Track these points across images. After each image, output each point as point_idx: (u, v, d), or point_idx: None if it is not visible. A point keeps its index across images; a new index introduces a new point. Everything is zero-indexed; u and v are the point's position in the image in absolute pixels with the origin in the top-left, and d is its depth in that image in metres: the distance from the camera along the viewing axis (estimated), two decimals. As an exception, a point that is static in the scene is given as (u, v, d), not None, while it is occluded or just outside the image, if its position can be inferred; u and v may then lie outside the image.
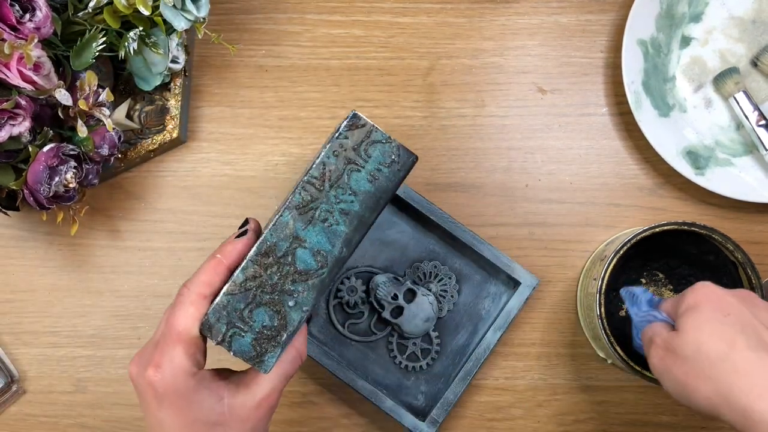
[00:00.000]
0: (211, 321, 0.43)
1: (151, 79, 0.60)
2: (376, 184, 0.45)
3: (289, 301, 0.44)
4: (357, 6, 0.67)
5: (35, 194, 0.53)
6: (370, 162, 0.44)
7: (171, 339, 0.43)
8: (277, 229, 0.44)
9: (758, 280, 0.57)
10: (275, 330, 0.44)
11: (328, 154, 0.44)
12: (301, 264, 0.44)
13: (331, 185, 0.44)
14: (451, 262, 0.64)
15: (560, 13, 0.67)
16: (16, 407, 0.64)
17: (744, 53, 0.66)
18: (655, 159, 0.65)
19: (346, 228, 0.44)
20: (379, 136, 0.44)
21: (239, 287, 0.44)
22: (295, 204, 0.44)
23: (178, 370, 0.42)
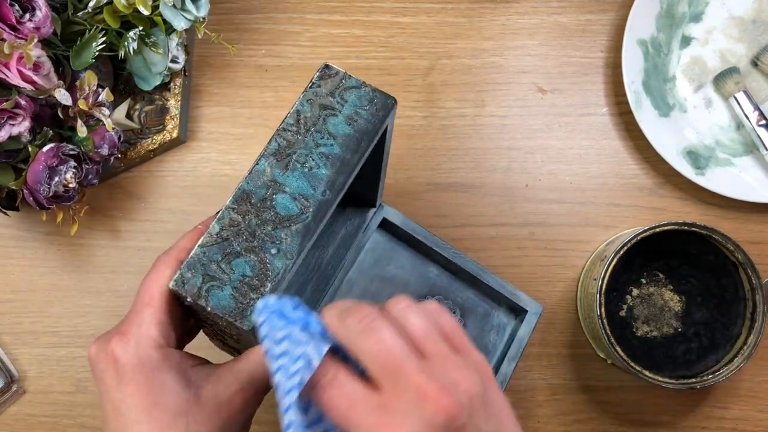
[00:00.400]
0: (185, 276, 0.39)
1: (150, 79, 0.60)
2: (355, 126, 0.43)
3: (272, 249, 0.41)
4: (357, 6, 0.67)
5: (35, 194, 0.53)
6: (346, 106, 0.43)
7: (140, 303, 0.39)
8: (254, 176, 0.42)
9: (758, 281, 0.57)
10: (258, 280, 0.40)
11: (302, 102, 0.43)
12: (282, 209, 0.41)
13: (307, 130, 0.43)
14: (453, 296, 0.63)
15: (560, 13, 0.67)
16: (16, 407, 0.64)
17: (744, 53, 0.66)
18: (655, 159, 0.65)
19: (327, 171, 0.42)
20: (353, 82, 0.44)
21: (215, 237, 0.40)
22: (272, 151, 0.42)
23: (144, 337, 0.38)
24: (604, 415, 0.64)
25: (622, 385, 0.65)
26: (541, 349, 0.65)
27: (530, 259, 0.65)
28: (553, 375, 0.65)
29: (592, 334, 0.62)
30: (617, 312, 0.64)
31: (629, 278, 0.64)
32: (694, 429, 0.65)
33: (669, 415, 0.65)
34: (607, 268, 0.57)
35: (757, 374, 0.64)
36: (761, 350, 0.64)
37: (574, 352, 0.65)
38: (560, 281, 0.65)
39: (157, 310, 0.39)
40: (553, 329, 0.65)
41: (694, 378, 0.57)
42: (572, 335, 0.65)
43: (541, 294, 0.65)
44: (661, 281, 0.64)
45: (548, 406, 0.65)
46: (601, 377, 0.65)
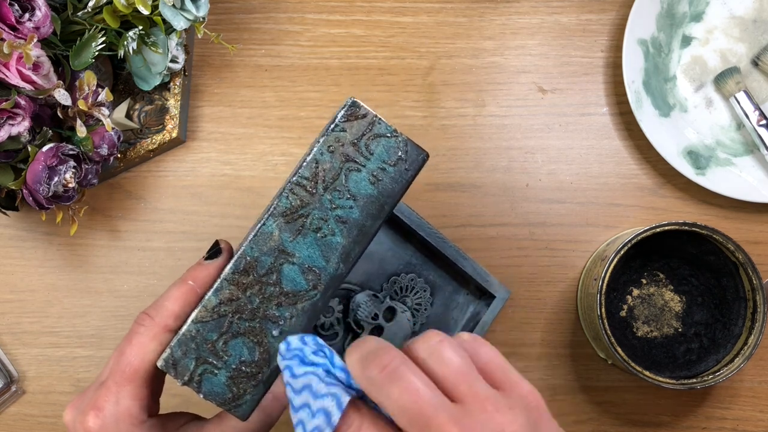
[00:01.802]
0: (176, 356, 0.35)
1: (150, 79, 0.60)
2: (379, 186, 0.37)
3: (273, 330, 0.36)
4: (357, 5, 0.67)
5: (34, 194, 0.53)
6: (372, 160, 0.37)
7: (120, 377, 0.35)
8: (259, 240, 0.36)
9: (759, 281, 0.57)
10: (256, 366, 0.36)
11: (321, 150, 0.36)
12: (289, 284, 0.36)
13: (325, 187, 0.36)
14: (426, 274, 0.64)
15: (560, 13, 0.67)
16: (16, 407, 0.64)
17: (745, 53, 0.65)
18: (655, 159, 0.65)
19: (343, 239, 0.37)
20: (383, 129, 0.37)
21: (211, 313, 0.36)
22: (282, 210, 0.36)
23: (123, 415, 0.35)
24: (604, 415, 0.64)
25: (622, 385, 0.65)
26: (541, 349, 0.65)
27: (530, 259, 0.65)
28: (553, 375, 0.65)
29: (593, 334, 0.62)
30: (617, 312, 0.64)
31: (629, 278, 0.64)
32: (695, 429, 0.64)
33: (669, 416, 0.64)
34: (607, 268, 0.57)
35: (758, 374, 0.64)
36: (762, 350, 0.64)
37: (574, 352, 0.65)
38: (560, 281, 0.65)
39: (138, 386, 0.36)
40: (553, 329, 0.65)
41: (695, 378, 0.57)
42: (572, 335, 0.65)
43: (541, 294, 0.65)
44: (661, 281, 0.64)
45: (548, 407, 0.64)
46: (601, 377, 0.65)
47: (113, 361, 0.37)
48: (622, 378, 0.65)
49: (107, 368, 0.37)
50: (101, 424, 0.35)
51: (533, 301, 0.65)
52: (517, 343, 0.65)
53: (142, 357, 0.36)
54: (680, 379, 0.57)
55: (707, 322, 0.63)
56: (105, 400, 0.35)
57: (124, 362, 0.36)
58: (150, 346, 0.36)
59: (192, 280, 0.37)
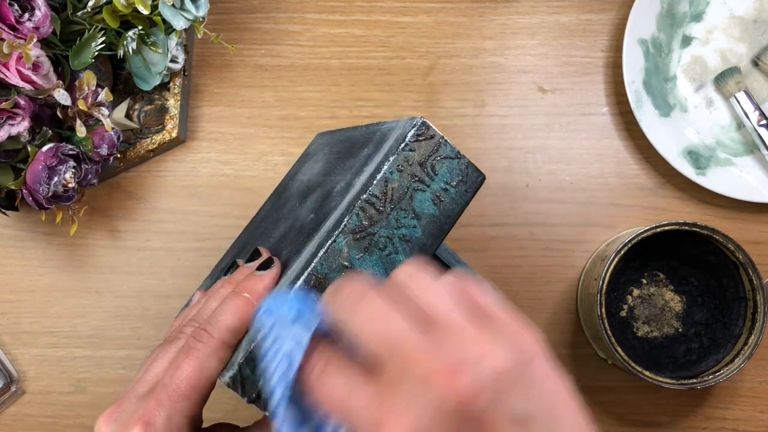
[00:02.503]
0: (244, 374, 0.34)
1: (150, 79, 0.60)
2: (441, 206, 0.37)
3: None
4: (357, 5, 0.67)
5: (34, 194, 0.53)
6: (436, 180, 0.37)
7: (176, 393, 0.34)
8: (329, 257, 0.35)
9: (759, 281, 0.57)
10: None
11: (391, 169, 0.36)
12: None
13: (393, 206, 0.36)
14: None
15: (561, 13, 0.67)
16: (16, 407, 0.64)
17: (745, 53, 0.65)
18: (655, 159, 0.65)
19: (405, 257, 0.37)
20: (449, 151, 0.37)
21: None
22: (351, 228, 0.36)
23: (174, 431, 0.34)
24: (604, 415, 0.64)
25: (622, 385, 0.65)
26: (541, 349, 0.65)
27: (530, 259, 0.65)
28: (553, 375, 0.65)
29: (593, 334, 0.62)
30: (618, 312, 0.64)
31: (630, 278, 0.64)
32: (695, 429, 0.64)
33: (669, 416, 0.64)
34: (607, 269, 0.57)
35: (758, 375, 0.64)
36: (762, 350, 0.64)
37: (574, 352, 0.65)
38: (560, 281, 0.65)
39: (194, 404, 0.34)
40: (553, 329, 0.65)
41: (695, 378, 0.57)
42: (572, 335, 0.65)
43: (541, 294, 0.65)
44: (661, 281, 0.64)
45: (548, 407, 0.64)
46: (601, 377, 0.65)
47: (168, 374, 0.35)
48: (622, 378, 0.64)
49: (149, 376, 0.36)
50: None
51: (533, 301, 0.65)
52: (517, 343, 0.65)
53: (200, 373, 0.34)
54: (680, 379, 0.57)
55: (707, 322, 0.62)
56: (156, 414, 0.33)
57: (180, 378, 0.34)
58: (209, 362, 0.35)
59: (248, 292, 0.36)
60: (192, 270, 0.65)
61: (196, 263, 0.65)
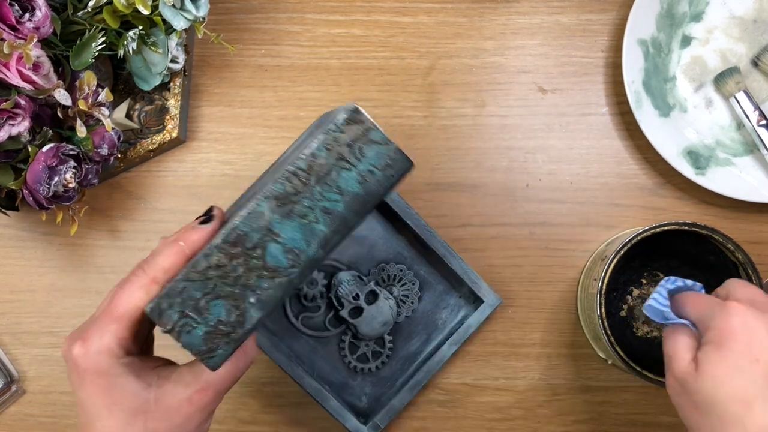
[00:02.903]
0: (162, 306, 0.39)
1: (150, 79, 0.60)
2: (365, 186, 0.41)
3: (251, 297, 0.40)
4: (357, 5, 0.67)
5: (35, 194, 0.53)
6: (363, 162, 0.41)
7: (108, 317, 0.40)
8: (251, 218, 0.40)
9: (759, 281, 0.57)
10: (231, 326, 0.40)
11: (320, 147, 0.40)
12: (271, 259, 0.40)
13: (317, 180, 0.40)
14: (417, 268, 0.64)
15: (561, 13, 0.67)
16: (16, 407, 0.64)
17: (745, 53, 0.65)
18: (655, 159, 0.65)
19: (325, 228, 0.41)
20: (378, 136, 0.41)
21: (199, 274, 0.40)
22: (276, 194, 0.40)
23: (103, 348, 0.40)
24: (604, 415, 0.64)
25: (623, 386, 0.65)
26: (541, 349, 0.65)
27: (530, 259, 0.65)
28: (553, 375, 0.65)
29: (593, 334, 0.62)
30: (617, 312, 0.64)
31: (629, 278, 0.64)
32: (695, 429, 0.64)
33: (669, 415, 0.64)
34: (607, 268, 0.57)
35: (758, 374, 0.64)
36: (761, 350, 0.64)
37: (574, 352, 0.65)
38: (560, 281, 0.65)
39: (123, 327, 0.40)
40: (553, 329, 0.65)
41: (695, 378, 0.57)
42: (572, 335, 0.65)
43: (542, 294, 0.65)
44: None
45: (548, 406, 0.65)
46: (601, 377, 0.65)
47: (106, 301, 0.41)
48: (622, 378, 0.65)
49: (100, 307, 0.42)
50: (84, 353, 0.40)
51: (533, 301, 0.65)
52: (517, 343, 0.65)
53: (128, 302, 0.40)
54: (680, 379, 0.57)
55: (707, 322, 0.62)
56: (91, 333, 0.40)
57: (113, 304, 0.40)
58: (138, 294, 0.40)
59: (183, 241, 0.41)
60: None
61: (197, 263, 0.65)
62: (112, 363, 0.40)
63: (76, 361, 0.40)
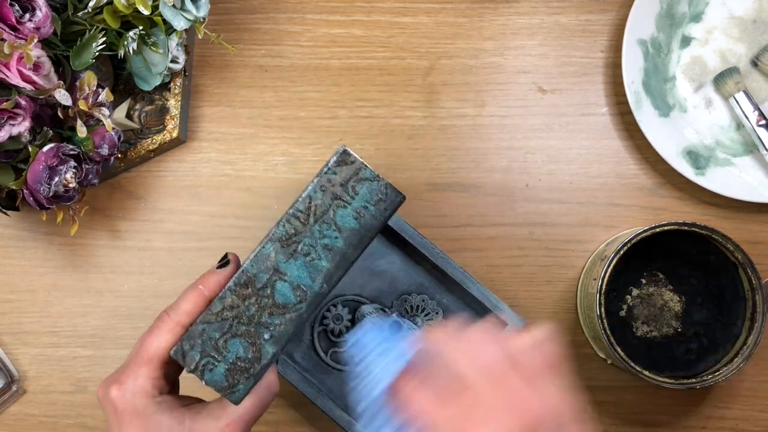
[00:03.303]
0: (184, 348, 0.43)
1: (150, 79, 0.60)
2: (361, 221, 0.44)
3: (265, 334, 0.44)
4: (357, 6, 0.67)
5: (35, 194, 0.53)
6: (356, 199, 0.44)
7: (139, 360, 0.44)
8: (258, 260, 0.44)
9: (758, 281, 0.57)
10: (249, 362, 0.44)
11: (315, 189, 0.44)
12: (280, 297, 0.44)
13: (315, 220, 0.44)
14: (439, 297, 0.64)
15: (560, 13, 0.67)
16: (16, 407, 0.64)
17: (744, 53, 0.66)
18: (655, 159, 0.65)
19: (328, 264, 0.44)
20: (368, 174, 0.44)
21: (216, 316, 0.43)
22: (278, 237, 0.44)
23: (138, 389, 0.43)
24: (604, 415, 0.64)
25: (622, 385, 0.65)
26: (541, 349, 0.65)
27: (530, 259, 0.65)
28: (553, 375, 0.65)
29: (592, 334, 0.62)
30: (617, 312, 0.64)
31: (629, 278, 0.64)
32: (694, 429, 0.65)
33: (669, 415, 0.65)
34: (607, 268, 0.57)
35: (757, 374, 0.64)
36: (761, 350, 0.64)
37: (574, 352, 0.65)
38: (560, 281, 0.65)
39: (154, 368, 0.44)
40: (553, 329, 0.65)
41: (694, 378, 0.57)
42: (572, 335, 0.65)
43: (541, 294, 0.65)
44: (661, 281, 0.64)
45: (548, 406, 0.64)
46: (601, 377, 0.65)
47: (136, 347, 0.45)
48: (621, 378, 0.65)
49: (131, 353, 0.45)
50: (122, 395, 0.43)
51: (533, 301, 0.65)
52: (516, 343, 0.65)
53: (157, 345, 0.44)
54: (680, 379, 0.57)
55: (707, 322, 0.63)
56: (126, 376, 0.43)
57: (143, 349, 0.44)
58: (165, 337, 0.44)
59: (202, 285, 0.45)
60: (192, 270, 0.65)
61: (197, 263, 0.65)
62: (147, 402, 0.43)
63: (114, 403, 0.43)
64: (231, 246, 0.64)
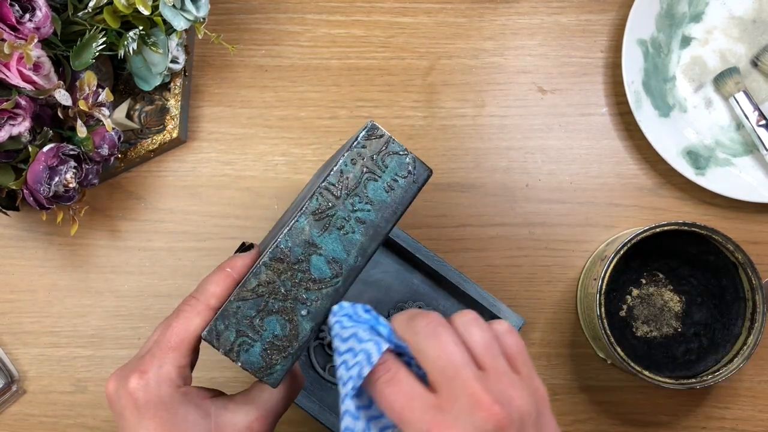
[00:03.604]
0: (219, 328, 0.41)
1: (151, 79, 0.60)
2: (392, 194, 0.44)
3: (302, 310, 0.42)
4: (357, 6, 0.67)
5: (35, 194, 0.53)
6: (386, 172, 0.44)
7: (166, 345, 0.40)
8: (293, 233, 0.42)
9: (758, 281, 0.57)
10: (287, 340, 0.42)
11: (346, 162, 0.43)
12: (316, 272, 0.43)
13: (348, 193, 0.43)
14: (435, 303, 0.64)
15: (560, 13, 0.67)
16: (16, 407, 0.64)
17: (744, 53, 0.66)
18: (655, 159, 0.65)
19: (361, 237, 0.43)
20: (397, 147, 0.44)
21: (251, 293, 0.42)
22: (312, 210, 0.43)
23: (164, 378, 0.40)
24: (604, 415, 0.65)
25: (622, 385, 0.65)
26: (541, 349, 0.65)
27: (530, 259, 0.65)
28: (552, 375, 0.65)
29: (592, 334, 0.62)
30: (617, 312, 0.64)
31: (629, 278, 0.64)
32: (694, 429, 0.65)
33: (669, 415, 0.65)
34: (607, 268, 0.57)
35: (757, 374, 0.64)
36: (761, 350, 0.64)
37: (574, 352, 0.65)
38: (560, 281, 0.65)
39: (182, 354, 0.41)
40: (553, 329, 0.65)
41: (694, 378, 0.57)
42: (572, 335, 0.65)
43: (541, 294, 0.65)
44: (661, 281, 0.64)
45: (548, 406, 0.65)
46: (601, 377, 0.65)
47: (159, 333, 0.41)
48: (621, 378, 0.65)
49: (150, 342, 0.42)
50: (144, 384, 0.39)
51: (533, 301, 0.65)
52: (516, 343, 0.65)
53: (186, 329, 0.41)
54: (679, 379, 0.57)
55: (706, 322, 0.63)
56: (150, 364, 0.40)
57: (171, 333, 0.41)
58: (195, 320, 0.41)
59: (230, 267, 0.43)
60: (192, 270, 0.65)
61: (197, 263, 0.65)
62: (173, 393, 0.40)
63: (135, 395, 0.39)
64: (231, 246, 0.64)
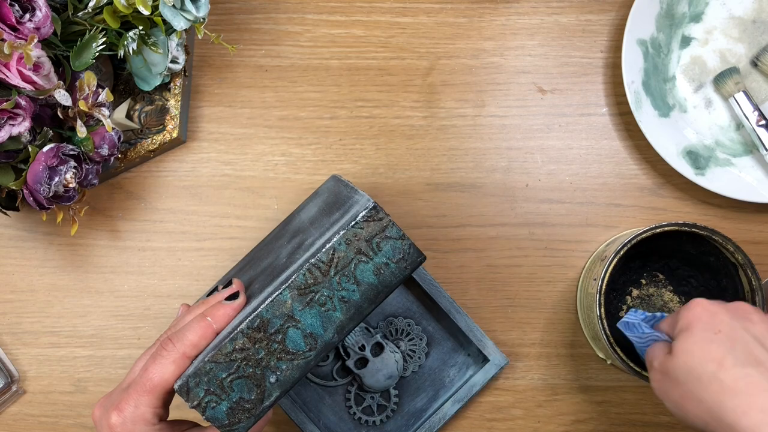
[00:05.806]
0: (190, 384, 0.43)
1: (150, 79, 0.60)
2: (380, 277, 0.44)
3: (271, 377, 0.44)
4: (357, 6, 0.67)
5: (35, 194, 0.53)
6: (379, 255, 0.44)
7: (141, 388, 0.43)
8: (274, 306, 0.44)
9: (758, 282, 0.57)
10: (252, 403, 0.44)
11: (340, 241, 0.44)
12: (291, 344, 0.44)
13: (336, 272, 0.44)
14: (425, 324, 0.64)
15: (560, 13, 0.67)
16: (16, 407, 0.64)
17: (744, 53, 0.66)
18: (655, 159, 0.65)
19: (342, 315, 0.44)
20: (394, 233, 0.44)
21: (225, 357, 0.43)
22: (297, 285, 0.44)
23: (138, 418, 0.43)
24: (604, 415, 0.65)
25: (622, 385, 0.65)
26: (541, 349, 0.65)
27: (530, 259, 0.65)
28: (553, 375, 0.65)
29: (592, 334, 0.62)
30: (617, 312, 0.64)
31: (629, 279, 0.64)
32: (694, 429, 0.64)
33: (669, 415, 0.65)
34: (607, 269, 0.57)
35: (757, 374, 0.64)
36: (761, 350, 0.64)
37: (574, 352, 0.65)
38: (560, 281, 0.65)
39: (156, 398, 0.44)
40: (553, 329, 0.65)
41: (694, 378, 0.57)
42: (572, 335, 0.65)
43: (541, 294, 0.65)
44: (660, 282, 0.64)
45: (548, 406, 0.65)
46: (601, 377, 0.65)
47: (139, 373, 0.44)
48: (621, 378, 0.65)
49: (129, 377, 0.45)
50: (121, 422, 0.43)
51: (533, 301, 0.65)
52: (516, 343, 0.65)
53: (161, 376, 0.43)
54: (680, 379, 0.57)
55: (707, 322, 0.62)
56: (126, 403, 0.43)
57: (147, 377, 0.44)
58: (170, 368, 0.44)
59: (211, 317, 0.45)
60: (192, 270, 0.65)
61: (197, 263, 0.65)
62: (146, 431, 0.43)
63: (114, 429, 0.43)
64: (231, 246, 0.64)
